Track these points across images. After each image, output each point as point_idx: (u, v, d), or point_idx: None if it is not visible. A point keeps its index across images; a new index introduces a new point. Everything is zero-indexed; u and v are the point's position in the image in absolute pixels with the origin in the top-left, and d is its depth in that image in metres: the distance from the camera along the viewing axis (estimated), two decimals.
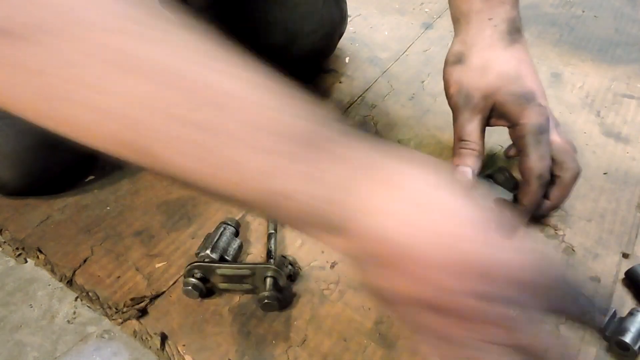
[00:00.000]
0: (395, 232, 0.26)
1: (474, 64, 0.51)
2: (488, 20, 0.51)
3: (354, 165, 0.27)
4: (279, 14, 0.71)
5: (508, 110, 0.51)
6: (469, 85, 0.50)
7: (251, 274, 0.49)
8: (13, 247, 0.56)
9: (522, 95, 0.50)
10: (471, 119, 0.51)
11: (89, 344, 0.48)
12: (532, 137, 0.50)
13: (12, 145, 0.54)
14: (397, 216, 0.27)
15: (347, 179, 0.27)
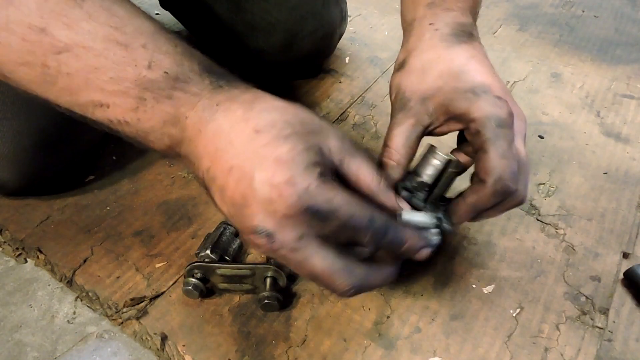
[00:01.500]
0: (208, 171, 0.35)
1: (413, 67, 0.46)
2: (429, 25, 0.47)
3: None
4: (279, 14, 0.71)
5: (455, 108, 0.43)
6: (406, 89, 0.45)
7: (251, 274, 0.49)
8: (13, 247, 0.56)
9: (469, 90, 0.43)
10: (400, 123, 0.44)
11: (89, 344, 0.48)
12: (489, 131, 0.41)
13: (11, 146, 0.54)
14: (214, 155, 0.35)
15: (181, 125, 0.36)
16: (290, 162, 0.33)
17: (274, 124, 0.34)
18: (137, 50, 0.34)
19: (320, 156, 0.35)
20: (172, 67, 0.35)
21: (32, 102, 0.53)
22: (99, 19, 0.34)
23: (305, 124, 0.36)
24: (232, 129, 0.35)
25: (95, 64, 0.34)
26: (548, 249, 0.57)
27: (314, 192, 0.33)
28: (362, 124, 0.73)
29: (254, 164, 0.33)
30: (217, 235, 0.53)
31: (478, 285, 0.53)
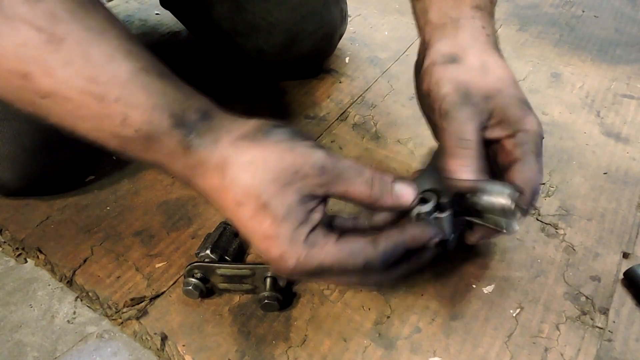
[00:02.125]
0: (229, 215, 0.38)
1: (473, 64, 0.45)
2: (482, 28, 0.48)
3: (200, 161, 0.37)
4: (279, 14, 0.71)
5: (510, 115, 0.44)
6: (468, 84, 0.44)
7: (251, 274, 0.49)
8: (13, 247, 0.56)
9: (524, 101, 0.45)
10: (472, 118, 0.43)
11: (89, 344, 0.48)
12: (536, 146, 0.44)
13: (11, 146, 0.54)
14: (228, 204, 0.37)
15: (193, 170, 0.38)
16: (276, 237, 0.36)
17: (249, 192, 0.36)
18: (111, 105, 0.35)
19: (302, 208, 0.37)
20: (142, 125, 0.35)
21: None
22: (74, 67, 0.34)
23: (278, 179, 0.36)
24: (218, 197, 0.37)
25: (76, 114, 0.35)
26: (548, 249, 0.57)
27: (303, 263, 0.37)
28: (362, 124, 0.73)
29: (249, 235, 0.37)
30: (217, 235, 0.53)
31: (478, 285, 0.53)
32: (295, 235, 0.36)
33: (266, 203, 0.36)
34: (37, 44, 0.33)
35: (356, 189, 0.38)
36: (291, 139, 0.38)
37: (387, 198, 0.39)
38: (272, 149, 0.37)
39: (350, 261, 0.37)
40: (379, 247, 0.38)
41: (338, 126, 0.73)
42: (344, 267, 0.38)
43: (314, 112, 0.75)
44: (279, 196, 0.36)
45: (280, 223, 0.36)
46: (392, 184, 0.40)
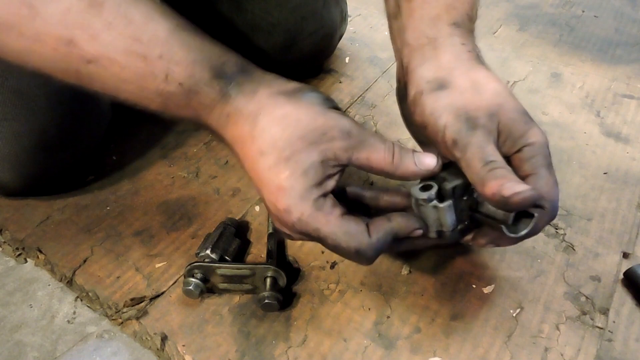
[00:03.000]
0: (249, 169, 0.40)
1: (463, 86, 0.42)
2: (462, 45, 0.44)
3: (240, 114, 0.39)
4: (280, 14, 0.71)
5: (515, 131, 0.41)
6: (466, 108, 0.41)
7: (251, 274, 0.49)
8: (13, 247, 0.56)
9: (525, 113, 0.42)
10: (486, 139, 0.40)
11: (89, 344, 0.48)
12: (545, 159, 0.41)
13: (11, 147, 0.54)
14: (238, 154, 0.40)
15: None
16: (289, 189, 0.38)
17: (275, 144, 0.38)
18: (154, 62, 0.37)
19: (322, 170, 0.38)
20: (185, 79, 0.37)
21: (33, 103, 0.53)
22: (118, 28, 0.35)
23: (305, 136, 0.38)
24: (244, 145, 0.39)
25: (120, 75, 0.37)
26: (548, 249, 0.57)
27: (305, 222, 0.38)
28: (362, 124, 0.73)
29: (262, 185, 0.39)
30: (217, 235, 0.53)
31: (478, 285, 0.53)
32: (306, 193, 0.38)
33: (289, 157, 0.37)
34: (80, 8, 0.35)
35: (379, 155, 0.40)
36: (324, 103, 0.40)
37: (409, 164, 0.40)
38: (305, 109, 0.39)
39: (345, 240, 0.39)
40: (372, 237, 0.40)
41: None
42: (337, 243, 0.39)
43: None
44: (303, 153, 0.38)
45: (298, 177, 0.37)
46: (413, 153, 0.41)
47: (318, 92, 0.41)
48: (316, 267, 0.54)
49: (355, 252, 0.39)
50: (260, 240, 0.57)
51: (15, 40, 0.35)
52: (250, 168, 0.39)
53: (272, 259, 0.52)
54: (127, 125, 0.70)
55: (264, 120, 0.38)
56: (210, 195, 0.62)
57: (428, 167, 0.41)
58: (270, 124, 0.38)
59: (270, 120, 0.38)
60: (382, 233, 0.40)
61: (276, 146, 0.38)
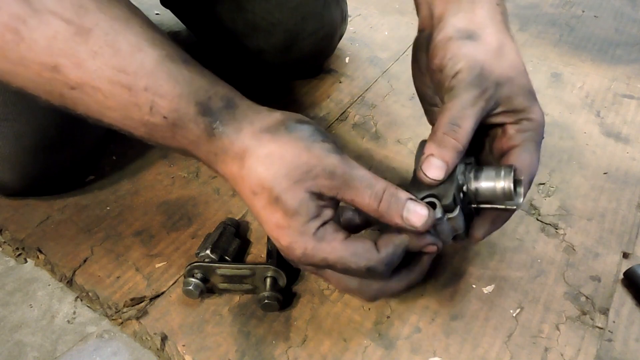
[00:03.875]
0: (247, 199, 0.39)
1: (489, 45, 0.43)
2: (496, 6, 0.45)
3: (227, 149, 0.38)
4: (280, 14, 0.71)
5: (517, 104, 0.43)
6: (483, 64, 0.41)
7: (251, 274, 0.49)
8: (13, 247, 0.56)
9: (532, 92, 0.44)
10: (474, 102, 0.41)
11: (89, 344, 0.48)
12: (537, 136, 0.44)
13: (12, 147, 0.54)
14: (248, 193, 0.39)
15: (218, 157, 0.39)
16: (287, 228, 0.38)
17: (263, 184, 0.37)
18: (139, 94, 0.36)
19: (314, 204, 0.38)
20: (170, 112, 0.37)
21: (33, 104, 0.53)
22: (103, 58, 0.35)
23: (289, 174, 0.37)
24: (236, 184, 0.39)
25: (105, 103, 0.36)
26: (548, 249, 0.57)
27: (310, 255, 0.38)
28: (362, 124, 0.73)
29: (262, 222, 0.39)
30: (217, 235, 0.53)
31: (478, 285, 0.53)
32: (305, 228, 0.38)
33: (278, 196, 0.37)
34: (67, 35, 0.34)
35: (364, 200, 0.38)
36: (311, 137, 0.38)
37: (395, 216, 0.39)
38: (290, 145, 0.38)
39: (353, 261, 0.38)
40: (381, 252, 0.39)
41: (338, 126, 0.73)
42: (347, 265, 0.39)
43: (314, 112, 0.75)
44: (290, 191, 0.37)
45: (292, 216, 0.37)
46: (405, 202, 0.38)
47: (306, 124, 0.39)
48: None
49: (367, 270, 0.39)
50: (260, 240, 0.57)
51: (0, 62, 0.35)
52: (248, 205, 0.39)
53: (272, 259, 0.52)
54: None
55: (250, 160, 0.38)
56: (210, 195, 0.62)
57: (414, 225, 0.38)
58: (256, 164, 0.37)
59: (255, 160, 0.37)
60: (392, 247, 0.39)
61: (264, 187, 0.37)
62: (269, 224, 0.39)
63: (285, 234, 0.38)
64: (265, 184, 0.37)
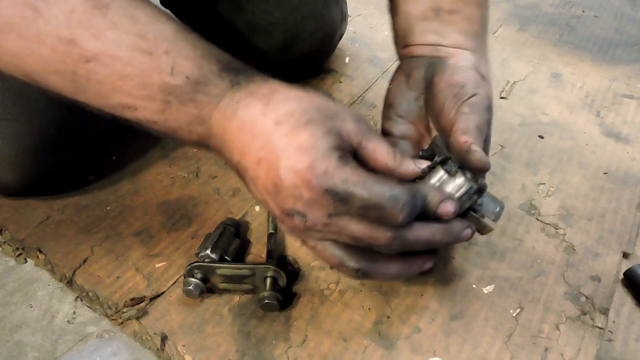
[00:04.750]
0: (239, 163, 0.39)
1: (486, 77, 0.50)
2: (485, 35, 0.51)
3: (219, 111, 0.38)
4: (280, 14, 0.71)
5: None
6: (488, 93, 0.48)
7: (251, 274, 0.49)
8: (13, 247, 0.56)
9: None
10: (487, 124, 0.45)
11: (89, 344, 0.48)
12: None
13: (12, 147, 0.54)
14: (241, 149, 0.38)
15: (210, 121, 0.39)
16: (311, 148, 0.36)
17: (292, 113, 0.37)
18: (160, 57, 0.36)
19: (339, 139, 0.37)
20: (193, 71, 0.37)
21: (33, 103, 0.53)
22: (123, 27, 0.35)
23: (322, 110, 0.38)
24: (254, 124, 0.37)
25: (122, 71, 0.36)
26: (548, 249, 0.57)
27: (331, 174, 0.36)
28: None
29: (278, 154, 0.36)
30: (217, 235, 0.53)
31: (478, 285, 0.53)
32: (330, 151, 0.36)
33: (307, 121, 0.37)
34: (85, 9, 0.35)
35: (384, 149, 0.40)
36: None
37: (409, 163, 0.41)
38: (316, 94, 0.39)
39: (377, 185, 0.36)
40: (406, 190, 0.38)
41: None
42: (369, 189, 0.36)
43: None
44: (320, 121, 0.37)
45: (319, 137, 0.36)
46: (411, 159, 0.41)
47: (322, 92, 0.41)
48: (316, 267, 0.54)
49: (390, 198, 0.36)
50: (260, 240, 0.57)
51: (14, 41, 0.35)
52: (265, 140, 0.37)
53: (272, 259, 0.52)
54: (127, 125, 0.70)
55: (278, 97, 0.37)
56: (210, 195, 0.62)
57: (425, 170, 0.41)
58: (286, 100, 0.37)
59: (285, 97, 0.37)
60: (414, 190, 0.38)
61: (293, 115, 0.37)
62: (288, 150, 0.36)
63: (307, 154, 0.36)
64: (294, 112, 0.37)
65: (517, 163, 0.68)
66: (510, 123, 0.74)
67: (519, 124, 0.74)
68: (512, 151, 0.69)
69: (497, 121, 0.75)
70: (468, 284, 0.53)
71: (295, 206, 0.37)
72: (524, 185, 0.65)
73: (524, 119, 0.75)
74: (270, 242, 0.54)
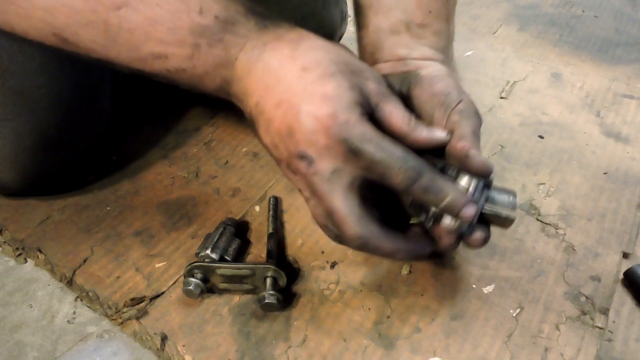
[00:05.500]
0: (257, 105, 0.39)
1: None
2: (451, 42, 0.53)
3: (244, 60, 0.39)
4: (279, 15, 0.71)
5: None
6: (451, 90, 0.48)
7: (251, 274, 0.49)
8: (13, 247, 0.56)
9: None
10: None
11: (89, 344, 0.48)
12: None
13: (12, 147, 0.54)
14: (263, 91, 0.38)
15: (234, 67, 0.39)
16: (336, 98, 0.37)
17: (320, 62, 0.37)
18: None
19: (362, 96, 0.38)
20: (221, 11, 0.37)
21: (33, 104, 0.53)
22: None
23: (349, 63, 0.38)
24: (281, 67, 0.38)
25: (153, 15, 0.36)
26: (548, 249, 0.57)
27: (351, 126, 0.37)
28: None
29: (302, 98, 0.37)
30: (217, 235, 0.53)
31: (478, 285, 0.53)
32: (353, 105, 0.37)
33: (334, 72, 0.37)
34: None
35: (400, 113, 0.40)
36: None
37: (423, 129, 0.41)
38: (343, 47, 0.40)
39: (391, 148, 0.38)
40: (417, 160, 0.39)
41: None
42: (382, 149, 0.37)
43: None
44: (346, 75, 0.37)
45: (345, 90, 0.37)
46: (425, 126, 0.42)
47: None
48: (316, 267, 0.54)
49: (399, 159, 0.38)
50: (260, 240, 0.57)
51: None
52: (291, 83, 0.37)
53: (272, 259, 0.52)
54: (127, 125, 0.70)
55: (306, 44, 0.38)
56: (210, 195, 0.62)
57: (439, 138, 0.42)
58: (314, 48, 0.38)
59: (313, 45, 0.38)
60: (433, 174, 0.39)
61: (321, 63, 0.37)
62: (313, 97, 0.37)
63: (331, 103, 0.36)
64: (323, 61, 0.37)
65: (517, 163, 0.68)
66: (510, 123, 0.74)
67: (519, 124, 0.74)
68: (512, 151, 0.69)
69: (497, 121, 0.75)
70: (468, 284, 0.53)
71: (307, 150, 0.38)
72: (524, 185, 0.65)
73: (524, 119, 0.75)
74: (270, 242, 0.54)
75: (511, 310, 0.51)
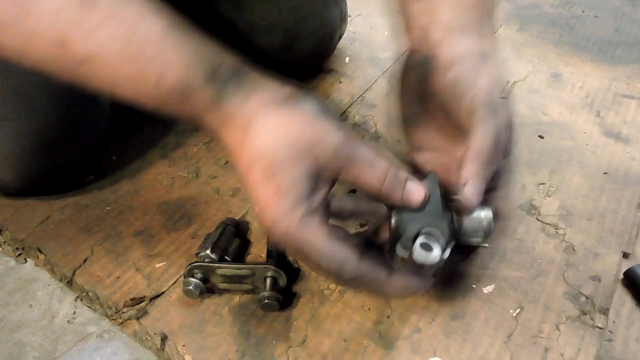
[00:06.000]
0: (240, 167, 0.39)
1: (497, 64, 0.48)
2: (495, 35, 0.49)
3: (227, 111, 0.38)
4: (279, 14, 0.71)
5: None
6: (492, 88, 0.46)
7: (251, 274, 0.49)
8: (13, 247, 0.56)
9: None
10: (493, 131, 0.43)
11: (89, 344, 0.48)
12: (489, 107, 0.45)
13: (12, 146, 0.54)
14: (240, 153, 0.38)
15: None
16: (275, 204, 0.37)
17: (263, 156, 0.37)
18: (146, 65, 0.36)
19: (314, 175, 0.37)
20: (178, 82, 0.37)
21: (33, 104, 0.53)
22: (109, 27, 0.35)
23: (293, 148, 0.37)
24: (235, 152, 0.39)
25: (113, 78, 0.37)
26: (548, 249, 0.57)
27: (290, 236, 0.37)
28: (362, 124, 0.73)
29: (252, 196, 0.38)
30: (217, 235, 0.53)
31: (478, 285, 0.53)
32: (292, 210, 0.37)
33: (275, 171, 0.37)
34: (72, 7, 0.34)
35: (367, 179, 0.38)
36: (318, 112, 0.38)
37: (397, 196, 0.39)
38: (297, 118, 0.38)
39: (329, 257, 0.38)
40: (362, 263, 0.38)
41: None
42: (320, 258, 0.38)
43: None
44: (288, 167, 0.37)
45: (282, 194, 0.37)
46: (406, 182, 0.39)
47: (314, 99, 0.40)
48: None
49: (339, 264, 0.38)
50: (260, 240, 0.57)
51: (10, 39, 0.35)
52: (243, 177, 0.39)
53: (272, 259, 0.51)
54: (127, 125, 0.70)
55: (254, 130, 0.37)
56: (210, 195, 0.62)
57: (412, 203, 0.39)
58: (260, 135, 0.37)
59: (260, 130, 0.37)
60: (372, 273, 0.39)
61: (264, 158, 0.37)
62: (259, 199, 0.38)
63: (272, 211, 0.37)
64: (265, 155, 0.37)
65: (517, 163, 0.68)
66: None
67: (519, 124, 0.74)
68: None
69: None
70: (468, 284, 0.53)
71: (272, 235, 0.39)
72: (524, 185, 0.65)
73: (524, 119, 0.75)
74: (270, 242, 0.54)
75: (511, 310, 0.51)
